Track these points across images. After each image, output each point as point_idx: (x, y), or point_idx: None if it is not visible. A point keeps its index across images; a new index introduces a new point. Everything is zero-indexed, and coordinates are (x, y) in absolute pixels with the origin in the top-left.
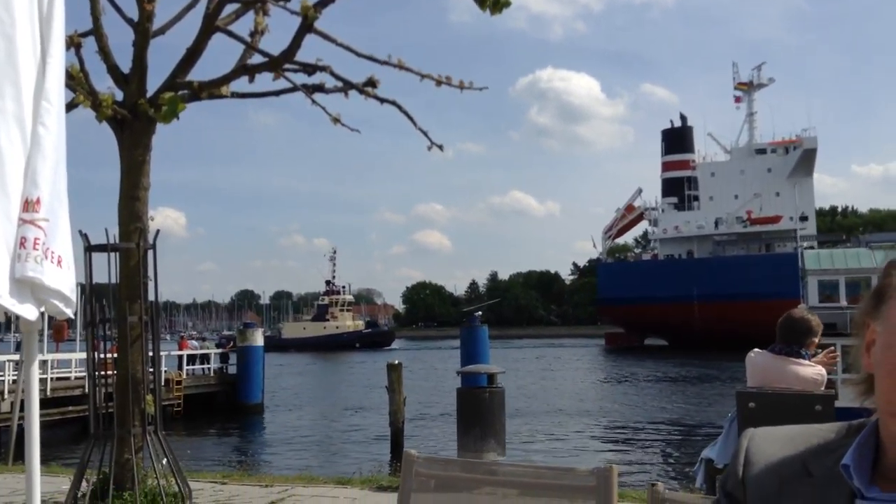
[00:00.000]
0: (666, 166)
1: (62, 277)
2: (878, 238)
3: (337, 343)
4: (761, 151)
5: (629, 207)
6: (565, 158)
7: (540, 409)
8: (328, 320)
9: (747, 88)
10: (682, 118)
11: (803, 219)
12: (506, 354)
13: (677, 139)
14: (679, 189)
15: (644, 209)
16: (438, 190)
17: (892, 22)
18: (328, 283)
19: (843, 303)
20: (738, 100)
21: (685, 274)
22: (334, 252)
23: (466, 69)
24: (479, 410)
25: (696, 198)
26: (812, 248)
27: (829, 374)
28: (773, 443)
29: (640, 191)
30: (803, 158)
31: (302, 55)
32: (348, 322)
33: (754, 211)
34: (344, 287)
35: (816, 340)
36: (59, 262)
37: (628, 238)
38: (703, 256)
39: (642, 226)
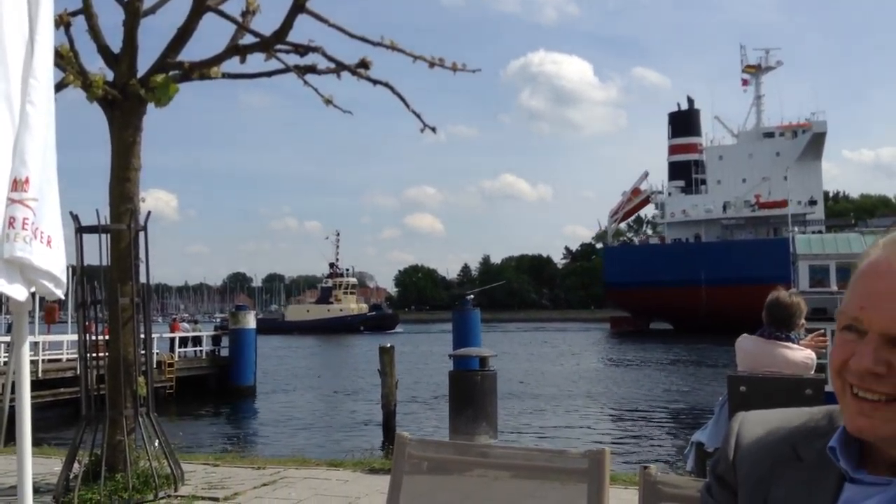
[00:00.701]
0: (672, 149)
1: (52, 258)
2: (884, 223)
3: (341, 326)
4: (769, 135)
5: (635, 191)
6: (557, 142)
7: (538, 391)
8: (332, 303)
9: (755, 71)
10: (689, 101)
11: (812, 203)
12: (506, 338)
13: (684, 122)
14: (686, 172)
15: (650, 192)
16: (430, 173)
17: (881, 6)
18: (332, 265)
19: (834, 287)
20: (745, 83)
21: (693, 258)
22: (338, 235)
23: (458, 52)
24: (471, 393)
25: (704, 181)
26: (820, 232)
27: (818, 357)
28: (763, 426)
29: (646, 174)
30: (812, 142)
31: (294, 36)
32: (352, 305)
33: (763, 195)
34: (348, 270)
35: (803, 321)
36: (48, 242)
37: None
38: (711, 240)
39: (647, 210)
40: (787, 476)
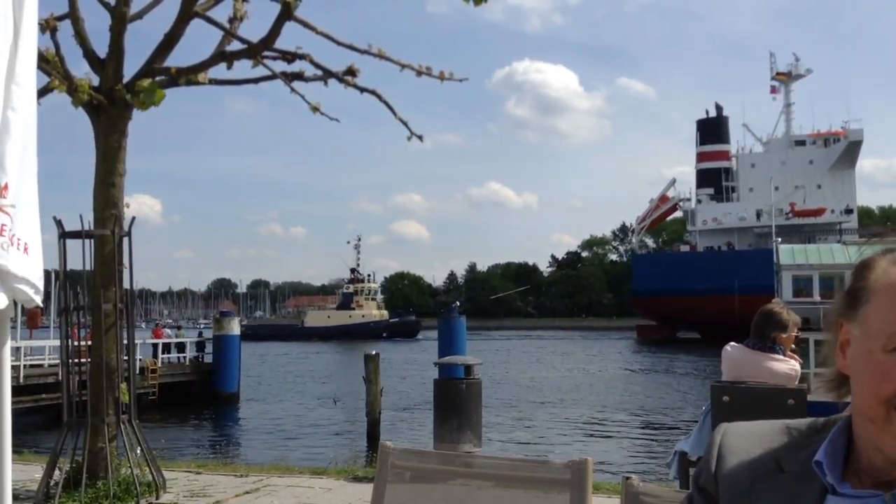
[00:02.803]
0: (701, 157)
1: (28, 265)
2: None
3: (363, 332)
4: (800, 143)
5: (663, 198)
6: (543, 151)
7: (576, 400)
8: (353, 309)
9: (785, 79)
10: (718, 108)
11: (848, 212)
12: (515, 346)
13: (712, 130)
14: (715, 180)
15: (678, 200)
16: (417, 180)
17: (868, 16)
18: (353, 270)
19: (817, 298)
20: (773, 90)
21: (727, 266)
22: (359, 239)
23: (443, 60)
24: (455, 402)
25: (734, 189)
26: (844, 242)
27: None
28: (746, 438)
29: (673, 181)
30: (847, 150)
31: (281, 42)
32: (374, 311)
33: (798, 203)
34: (369, 275)
35: (793, 335)
36: (25, 249)
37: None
38: (744, 248)
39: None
40: (770, 488)
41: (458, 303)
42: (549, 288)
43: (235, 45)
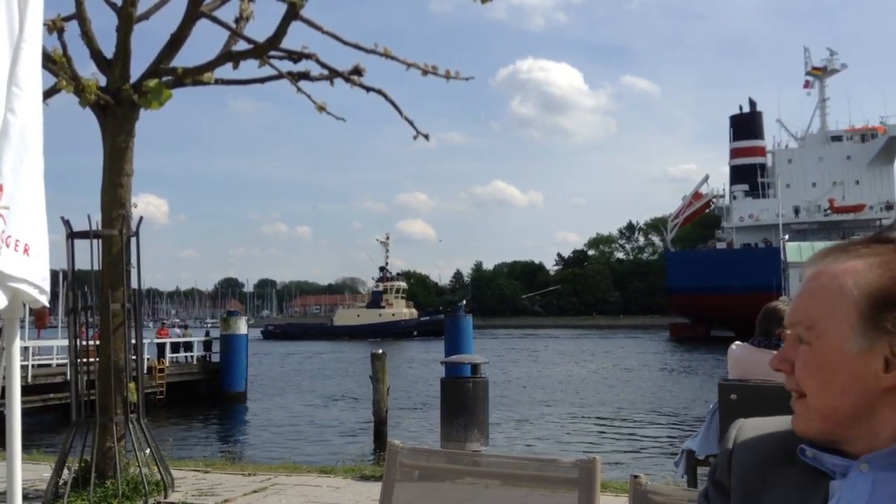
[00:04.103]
0: (735, 153)
1: (28, 266)
2: None
3: (393, 331)
4: (837, 139)
5: (696, 195)
6: (547, 149)
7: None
8: (383, 307)
9: (821, 74)
10: (752, 103)
11: (889, 207)
12: (537, 345)
13: (746, 125)
14: (750, 176)
15: (712, 196)
16: (421, 179)
17: (868, 15)
18: (382, 269)
19: None
20: (807, 85)
21: (767, 263)
22: (387, 237)
23: (446, 59)
24: (462, 401)
25: (771, 185)
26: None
27: None
28: (760, 431)
29: (707, 177)
30: (886, 146)
31: (287, 42)
32: (403, 309)
33: (837, 199)
34: (399, 274)
35: None
36: (25, 250)
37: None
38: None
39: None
40: (782, 479)
41: (464, 301)
42: (554, 287)
43: (242, 45)
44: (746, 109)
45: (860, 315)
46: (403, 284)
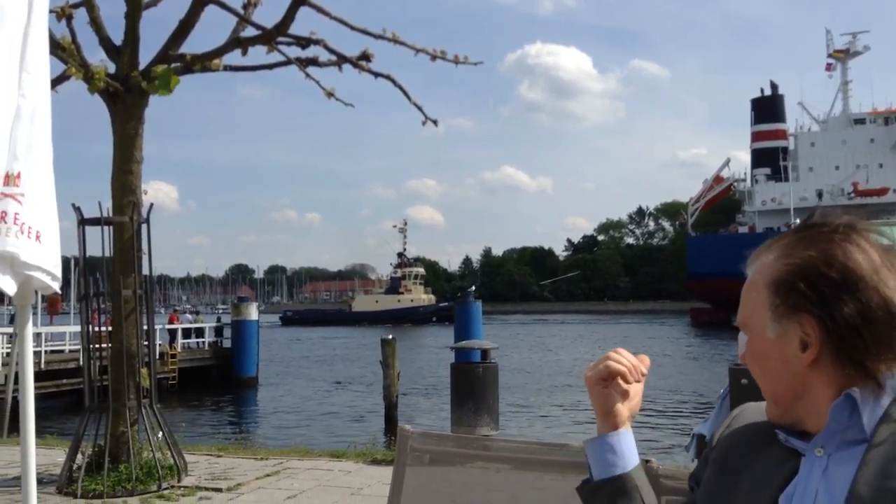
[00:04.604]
0: (756, 136)
1: (41, 252)
2: None
3: (412, 317)
4: (860, 121)
5: (717, 178)
6: (556, 134)
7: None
8: (402, 293)
9: (843, 56)
10: (773, 86)
11: None
12: (553, 331)
13: (768, 108)
14: (772, 160)
15: (733, 180)
16: (430, 165)
17: (876, 7)
18: (400, 255)
19: None
20: (829, 67)
21: None
22: (405, 223)
23: (454, 44)
24: (472, 386)
25: (794, 168)
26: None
27: None
28: (759, 413)
29: (728, 161)
30: None
31: (295, 28)
32: (422, 295)
33: (861, 183)
34: (417, 260)
35: None
36: (37, 237)
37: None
38: None
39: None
40: (763, 454)
41: (473, 287)
42: (565, 272)
43: (250, 32)
44: (767, 93)
45: (770, 304)
46: (421, 270)
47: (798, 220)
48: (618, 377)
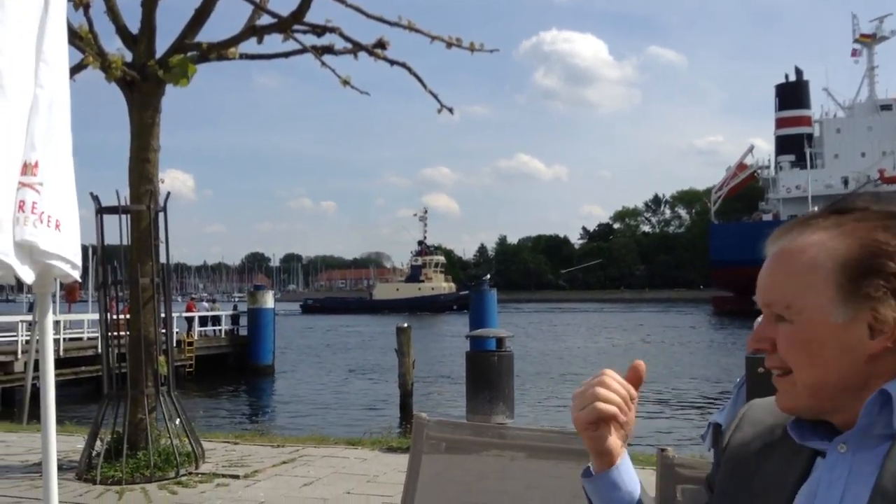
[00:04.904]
0: (780, 122)
1: (60, 241)
2: None
3: (433, 305)
4: (886, 107)
5: (740, 166)
6: (572, 121)
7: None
8: (422, 281)
9: (870, 41)
10: (798, 72)
11: None
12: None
13: (792, 94)
14: (796, 146)
15: (757, 167)
16: (445, 154)
17: None
18: (420, 243)
19: None
20: (855, 53)
21: None
22: (425, 212)
23: (468, 31)
24: (487, 374)
25: (819, 155)
26: None
27: None
28: (767, 410)
29: (752, 147)
30: None
31: (311, 16)
32: (443, 283)
33: (887, 170)
34: (437, 247)
35: None
36: (56, 225)
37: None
38: None
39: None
40: (775, 453)
41: (488, 276)
42: (580, 260)
43: (265, 20)
44: (791, 79)
45: (838, 286)
46: (442, 258)
47: (814, 208)
48: (609, 421)
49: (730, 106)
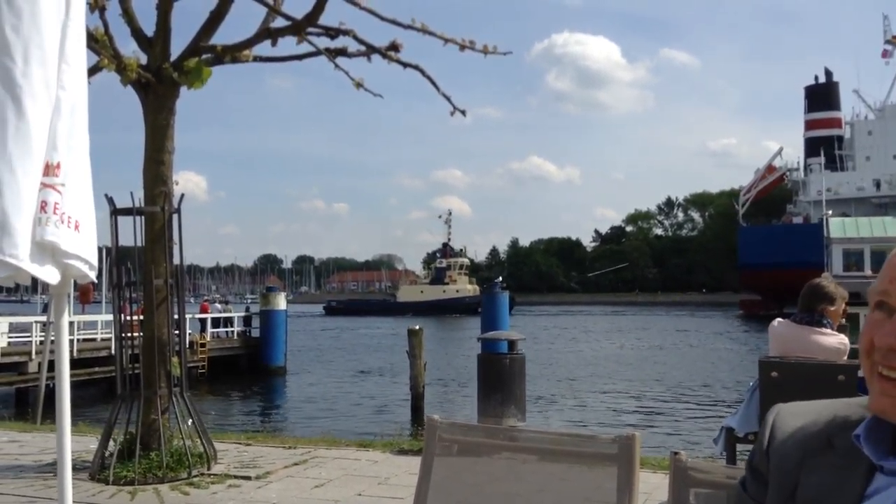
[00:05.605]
0: (810, 125)
1: (80, 241)
2: None
3: (457, 307)
4: None
5: (770, 168)
6: (584, 123)
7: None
8: (447, 283)
9: None
10: (828, 73)
11: None
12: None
13: (822, 96)
14: (827, 148)
15: (786, 170)
16: (457, 155)
17: None
18: (445, 245)
19: (869, 272)
20: (885, 54)
21: None
22: (450, 214)
23: (480, 33)
24: (499, 377)
25: (849, 157)
26: None
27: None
28: (799, 416)
29: (780, 150)
30: None
31: (325, 18)
32: (467, 285)
33: None
34: (462, 249)
35: (841, 309)
36: (76, 226)
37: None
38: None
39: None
40: (819, 465)
41: (500, 278)
42: (592, 263)
43: (279, 22)
44: (822, 80)
45: None
46: (466, 261)
47: (828, 212)
48: None
49: (743, 108)
